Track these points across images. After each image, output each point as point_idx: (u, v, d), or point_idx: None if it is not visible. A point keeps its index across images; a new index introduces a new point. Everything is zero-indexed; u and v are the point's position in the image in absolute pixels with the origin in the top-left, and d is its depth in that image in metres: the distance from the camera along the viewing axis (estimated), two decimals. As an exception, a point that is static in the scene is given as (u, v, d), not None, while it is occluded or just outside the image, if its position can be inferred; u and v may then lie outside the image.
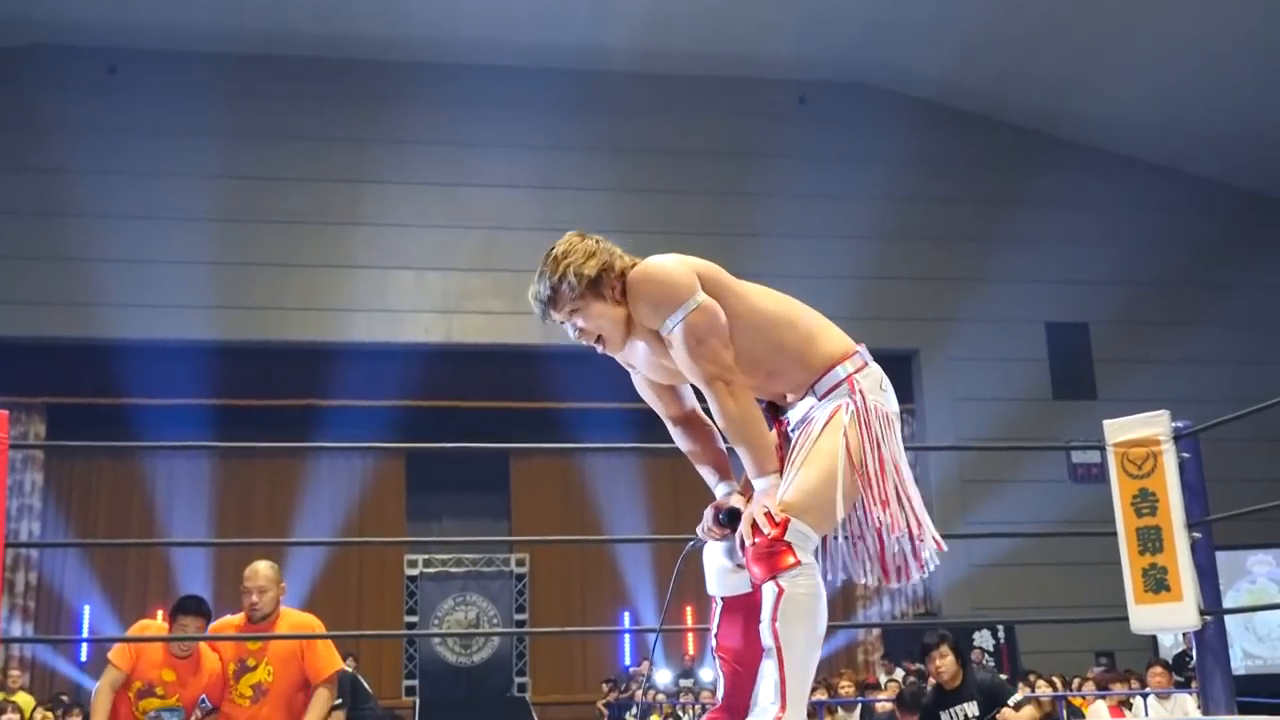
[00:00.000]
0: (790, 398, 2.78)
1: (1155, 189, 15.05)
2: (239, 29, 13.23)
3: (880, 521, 2.61)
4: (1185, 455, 3.83)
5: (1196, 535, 3.76)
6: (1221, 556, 4.04)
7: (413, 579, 13.85)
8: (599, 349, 2.79)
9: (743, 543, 2.51)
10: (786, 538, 2.44)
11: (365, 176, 13.65)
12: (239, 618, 4.72)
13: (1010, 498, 13.36)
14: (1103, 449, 3.93)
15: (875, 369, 2.80)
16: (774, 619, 2.43)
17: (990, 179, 14.65)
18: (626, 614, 13.65)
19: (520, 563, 14.01)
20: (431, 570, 13.89)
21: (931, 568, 2.73)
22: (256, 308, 13.22)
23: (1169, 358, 14.03)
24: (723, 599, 2.81)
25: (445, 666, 13.66)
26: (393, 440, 12.35)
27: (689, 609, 13.77)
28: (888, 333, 13.82)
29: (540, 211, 13.72)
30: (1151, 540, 3.79)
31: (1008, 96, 14.54)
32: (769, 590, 2.45)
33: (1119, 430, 3.90)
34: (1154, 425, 3.84)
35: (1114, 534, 3.89)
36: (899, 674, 11.22)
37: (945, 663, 5.59)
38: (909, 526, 2.65)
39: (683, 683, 12.83)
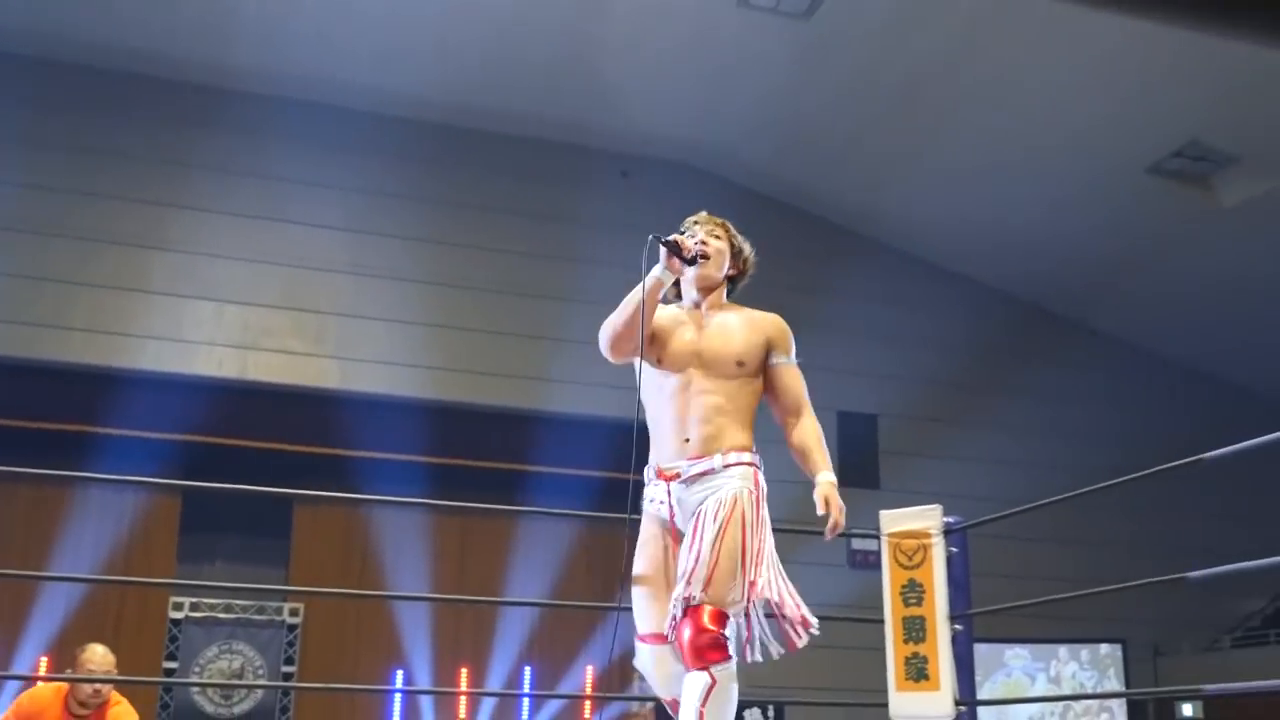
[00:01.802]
0: (702, 452, 3.17)
1: (945, 293, 15.85)
2: (57, 36, 12.68)
3: (757, 600, 3.06)
4: (953, 549, 4.02)
5: (958, 627, 3.94)
6: (981, 649, 4.23)
7: (176, 623, 13.23)
8: (701, 260, 3.49)
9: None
10: (725, 632, 2.68)
11: (171, 200, 13.20)
12: (57, 688, 4.59)
13: (791, 579, 13.67)
14: (879, 538, 4.08)
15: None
16: (703, 704, 2.72)
17: (796, 268, 15.14)
18: (399, 673, 13.35)
19: (294, 613, 13.55)
20: (198, 615, 13.29)
21: (802, 642, 2.98)
22: (37, 325, 12.56)
23: (947, 454, 14.71)
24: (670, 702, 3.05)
25: (203, 717, 13.05)
26: (172, 476, 11.82)
27: (464, 670, 13.60)
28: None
29: (350, 255, 13.55)
30: (915, 630, 3.95)
31: (820, 191, 15.13)
32: (700, 679, 2.75)
33: (894, 521, 4.07)
34: (926, 519, 4.02)
35: (883, 621, 4.03)
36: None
37: None
38: (782, 603, 2.90)
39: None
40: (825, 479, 3.20)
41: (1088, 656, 14.11)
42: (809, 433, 3.36)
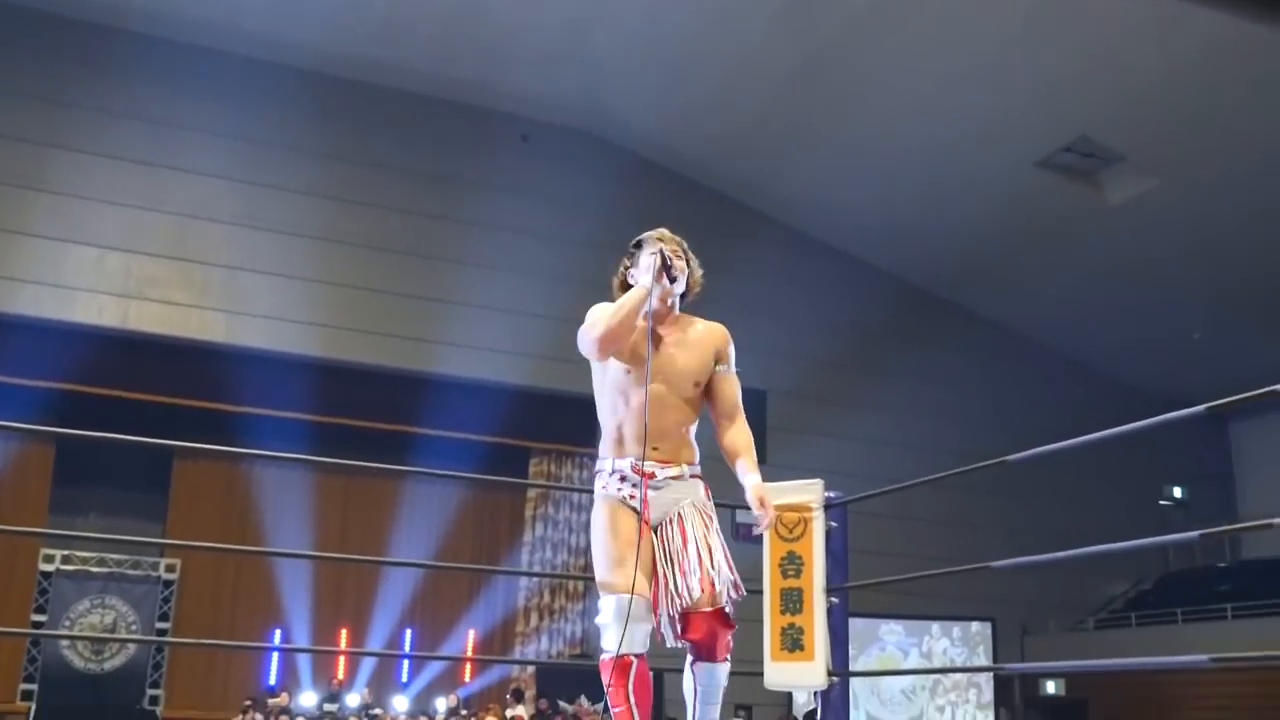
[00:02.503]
0: (670, 460, 3.52)
1: (837, 273, 16.08)
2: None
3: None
4: (833, 524, 4.08)
5: (834, 600, 4.00)
6: (858, 623, 4.33)
7: (47, 575, 12.90)
8: (675, 282, 3.74)
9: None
10: None
11: (52, 140, 12.75)
12: None
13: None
14: (761, 510, 4.11)
15: None
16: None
17: (691, 242, 15.16)
18: (278, 632, 13.20)
19: (170, 568, 13.30)
20: (70, 568, 12.97)
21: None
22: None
23: (834, 433, 14.96)
24: (637, 656, 3.31)
25: (71, 672, 12.75)
26: (46, 425, 11.49)
27: (344, 630, 13.49)
28: (580, 377, 14.05)
29: (240, 206, 13.25)
30: (793, 601, 4.01)
31: (719, 167, 15.20)
32: (726, 668, 3.35)
33: (776, 494, 4.09)
34: (808, 492, 4.07)
35: (761, 592, 4.09)
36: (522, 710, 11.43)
37: None
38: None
39: (327, 707, 12.51)
40: (756, 481, 3.53)
41: (959, 633, 14.52)
42: (741, 436, 3.67)
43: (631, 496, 3.48)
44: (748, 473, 3.54)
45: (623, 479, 3.50)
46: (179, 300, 13.02)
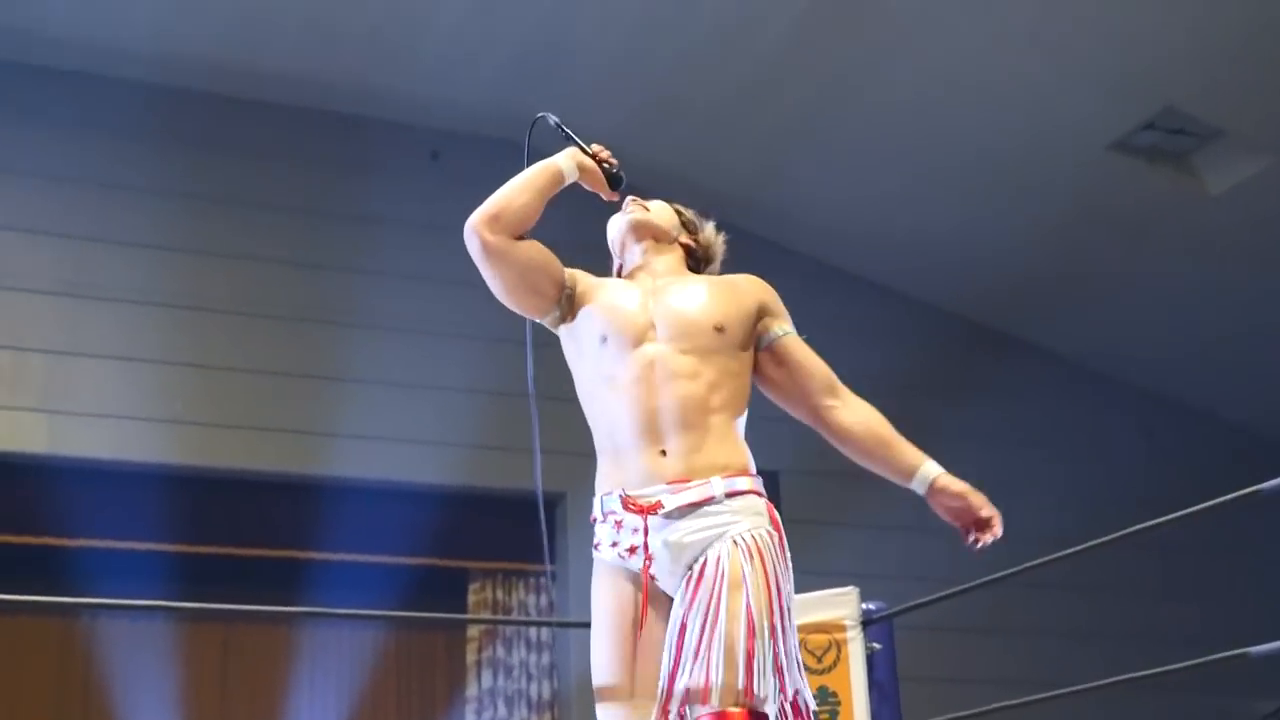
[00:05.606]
0: (689, 472, 3.08)
1: (858, 308, 16.03)
2: None
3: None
4: (876, 645, 4.04)
5: (885, 751, 3.95)
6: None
7: None
8: (640, 209, 3.38)
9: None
10: None
11: None
12: None
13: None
14: (779, 634, 4.06)
15: None
16: None
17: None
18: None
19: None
20: None
21: None
22: None
23: (866, 522, 14.84)
24: None
25: None
26: None
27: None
28: (528, 469, 13.97)
29: (62, 269, 13.17)
30: (829, 756, 3.95)
31: (693, 173, 15.22)
32: None
33: (799, 610, 4.06)
34: (840, 605, 4.03)
35: (785, 745, 4.02)
36: None
37: None
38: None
39: None
40: (939, 471, 3.22)
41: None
42: (874, 415, 3.40)
43: (631, 549, 3.05)
44: (919, 462, 3.26)
45: (619, 524, 3.11)
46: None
